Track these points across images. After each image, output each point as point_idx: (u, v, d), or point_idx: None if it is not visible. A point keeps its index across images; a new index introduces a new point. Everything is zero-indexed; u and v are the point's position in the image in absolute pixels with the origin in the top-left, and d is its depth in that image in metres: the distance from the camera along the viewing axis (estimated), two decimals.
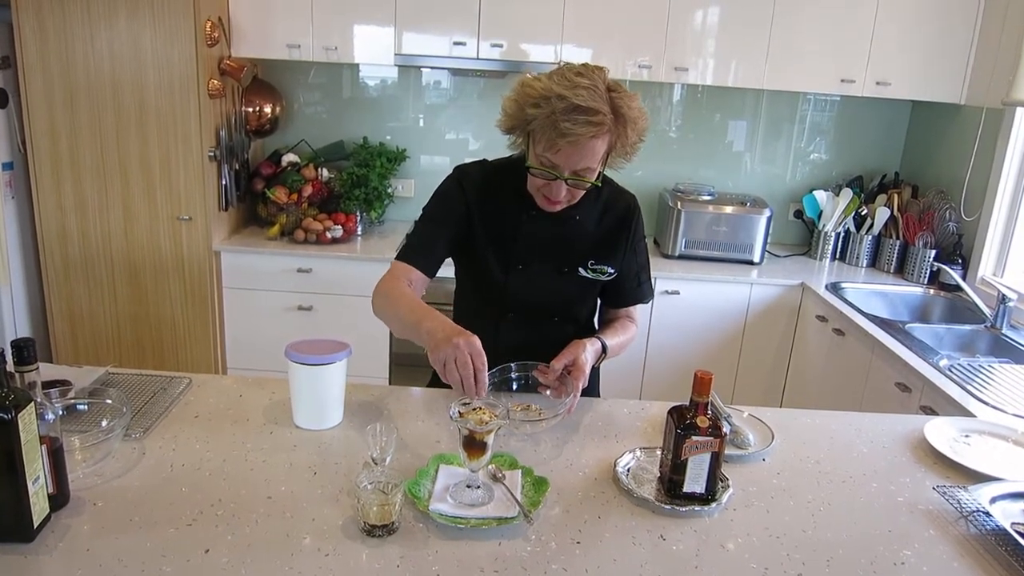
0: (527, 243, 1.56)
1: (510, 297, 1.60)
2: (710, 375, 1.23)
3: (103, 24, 2.80)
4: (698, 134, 3.62)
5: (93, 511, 1.14)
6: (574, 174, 1.41)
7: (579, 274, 1.59)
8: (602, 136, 1.37)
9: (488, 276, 1.59)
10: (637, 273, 1.67)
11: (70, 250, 3.06)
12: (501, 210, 1.57)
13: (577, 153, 1.37)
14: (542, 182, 1.44)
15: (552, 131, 1.35)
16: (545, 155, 1.39)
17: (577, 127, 1.33)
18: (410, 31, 3.10)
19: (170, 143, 2.94)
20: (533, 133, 1.41)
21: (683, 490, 1.25)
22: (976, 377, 2.16)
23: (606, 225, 1.60)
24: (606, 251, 1.60)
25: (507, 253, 1.57)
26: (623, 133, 1.40)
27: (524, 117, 1.40)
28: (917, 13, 3.06)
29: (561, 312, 1.64)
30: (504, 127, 1.48)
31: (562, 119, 1.33)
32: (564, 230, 1.57)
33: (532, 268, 1.58)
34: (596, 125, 1.33)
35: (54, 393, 1.32)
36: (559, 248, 1.58)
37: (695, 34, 3.11)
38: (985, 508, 1.24)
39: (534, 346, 1.63)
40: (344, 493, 1.22)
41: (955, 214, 3.14)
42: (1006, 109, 2.88)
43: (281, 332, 3.10)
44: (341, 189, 3.37)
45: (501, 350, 1.63)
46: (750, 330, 3.18)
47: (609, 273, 1.61)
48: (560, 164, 1.39)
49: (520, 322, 1.62)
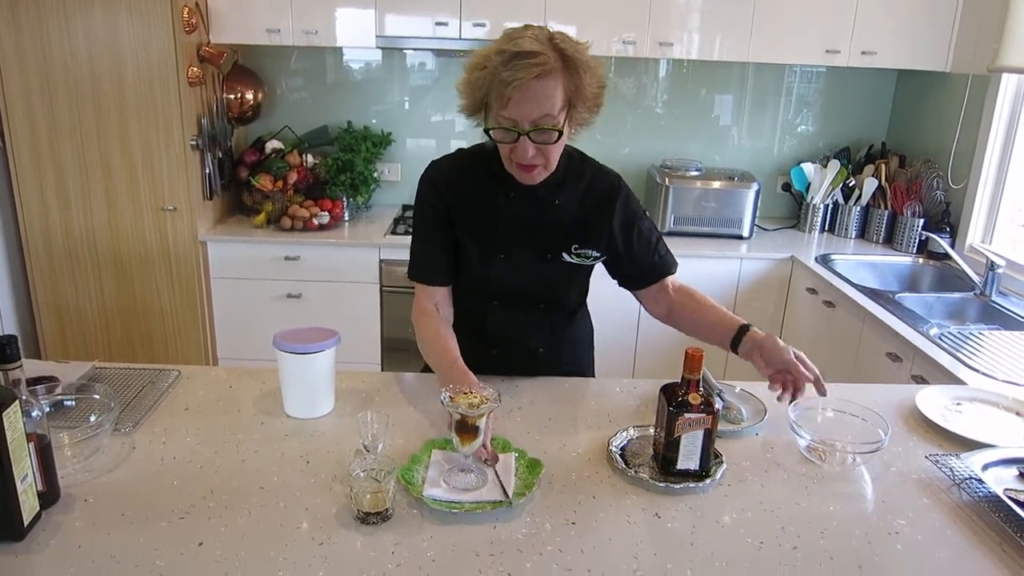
0: (507, 229, 1.53)
1: (494, 285, 1.58)
2: (701, 352, 1.23)
3: (78, 14, 2.75)
4: (684, 109, 3.60)
5: (84, 507, 1.13)
6: (534, 125, 1.34)
7: (563, 259, 1.56)
8: (551, 78, 1.31)
9: (470, 264, 1.56)
10: (655, 249, 1.62)
11: (54, 244, 3.03)
12: (478, 197, 1.53)
13: (528, 100, 1.31)
14: (509, 148, 1.39)
15: (499, 84, 1.31)
16: (501, 114, 1.34)
17: (520, 71, 1.28)
18: (392, 12, 3.05)
19: (151, 133, 2.90)
20: (487, 102, 1.37)
21: (677, 467, 1.26)
22: (966, 345, 2.17)
23: (588, 207, 1.55)
24: (589, 234, 1.56)
25: (488, 241, 1.54)
26: (577, 78, 1.34)
27: (474, 86, 1.36)
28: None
29: (547, 298, 1.61)
30: (465, 110, 1.44)
31: (503, 69, 1.29)
32: (544, 215, 1.53)
33: (514, 255, 1.54)
34: (539, 65, 1.29)
35: (40, 390, 1.31)
36: (540, 234, 1.54)
37: (679, 8, 3.08)
38: (977, 475, 1.25)
39: (522, 333, 1.63)
40: (337, 481, 1.22)
41: (942, 182, 3.14)
42: (992, 76, 2.88)
43: (271, 321, 3.09)
44: (327, 175, 3.34)
45: (490, 337, 1.63)
46: (741, 304, 3.18)
47: (594, 257, 1.57)
48: (516, 117, 1.33)
49: (506, 309, 1.60)
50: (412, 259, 1.60)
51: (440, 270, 1.57)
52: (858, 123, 3.62)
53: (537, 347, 1.65)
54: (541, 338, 1.65)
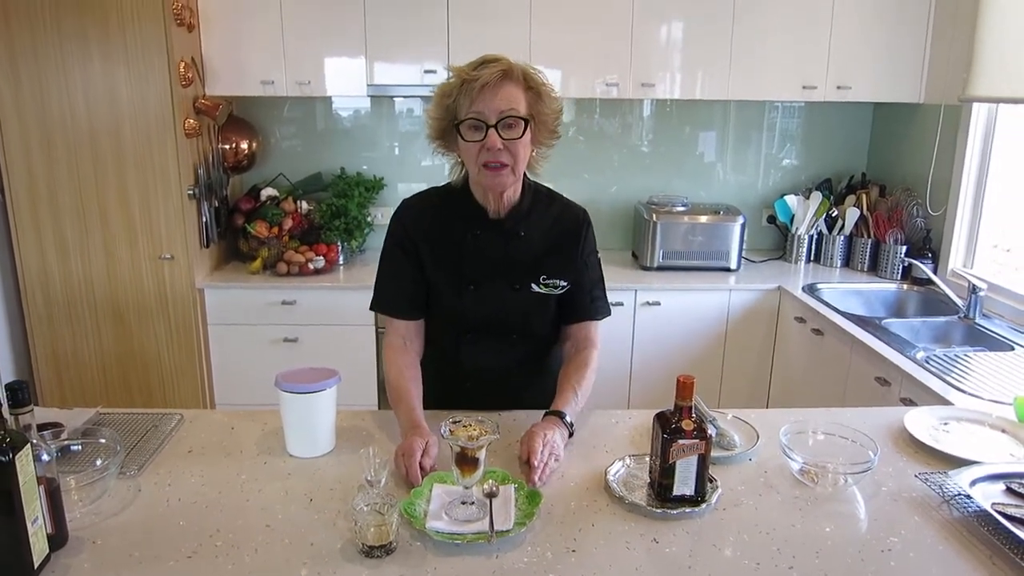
0: (475, 261, 1.59)
1: (466, 317, 1.62)
2: (692, 379, 1.27)
3: (77, 69, 2.82)
4: (669, 147, 3.69)
5: (92, 549, 1.15)
6: (500, 116, 1.44)
7: (532, 290, 1.61)
8: (514, 84, 1.46)
9: (442, 298, 1.62)
10: (591, 289, 1.67)
11: (52, 293, 3.06)
12: (447, 233, 1.60)
13: (495, 96, 1.43)
14: (477, 147, 1.46)
15: (467, 89, 1.44)
16: (469, 112, 1.45)
17: (485, 70, 1.43)
18: (381, 61, 3.15)
19: (149, 183, 2.95)
20: (458, 114, 1.47)
21: (673, 493, 1.28)
22: (953, 367, 2.22)
23: (555, 238, 1.62)
24: (557, 264, 1.62)
25: (457, 274, 1.60)
26: (538, 101, 1.49)
27: (444, 106, 1.49)
28: (871, 16, 3.15)
29: (519, 329, 1.65)
30: (433, 132, 1.55)
31: (471, 72, 1.44)
32: (510, 247, 1.59)
33: (483, 287, 1.60)
34: (504, 69, 1.44)
35: (48, 435, 1.33)
36: (508, 265, 1.60)
37: (660, 50, 3.19)
38: (966, 491, 1.28)
39: (496, 365, 1.66)
40: (341, 517, 1.24)
41: (922, 210, 3.22)
42: (963, 105, 2.97)
43: (268, 365, 3.07)
44: (321, 220, 3.39)
45: (464, 368, 1.67)
46: (732, 335, 3.23)
47: (562, 286, 1.62)
48: (483, 110, 1.44)
49: (479, 340, 1.64)
50: (376, 291, 1.66)
51: (404, 303, 1.63)
52: (838, 155, 3.72)
53: (511, 379, 1.69)
54: (515, 370, 1.69)
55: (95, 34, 2.79)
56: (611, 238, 3.66)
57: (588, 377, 1.61)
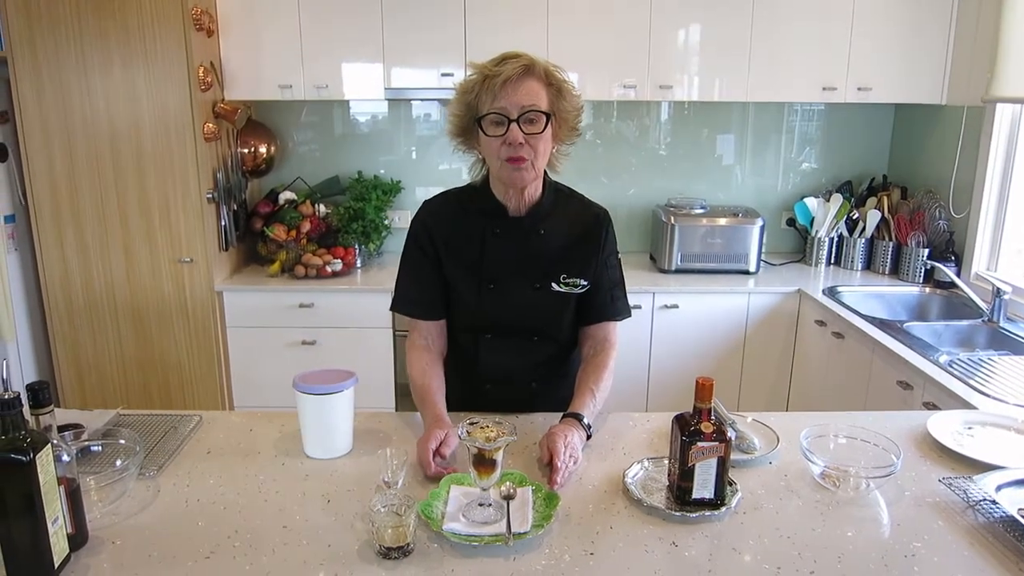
0: (495, 259, 1.59)
1: (485, 316, 1.62)
2: (711, 380, 1.26)
3: (98, 75, 2.86)
4: (687, 149, 3.67)
5: (112, 549, 1.15)
6: (522, 111, 1.44)
7: (552, 289, 1.60)
8: (536, 79, 1.46)
9: (462, 297, 1.62)
10: (610, 288, 1.66)
11: (74, 298, 3.09)
12: (466, 231, 1.60)
13: (517, 91, 1.44)
14: (499, 142, 1.46)
15: (489, 84, 1.44)
16: (492, 107, 1.45)
17: (507, 67, 1.44)
18: (398, 65, 3.16)
19: (168, 187, 2.98)
20: (480, 109, 1.47)
21: (692, 496, 1.27)
22: (977, 371, 2.18)
23: (575, 238, 1.61)
24: (577, 263, 1.61)
25: (477, 273, 1.59)
26: (559, 97, 1.49)
27: (466, 102, 1.49)
28: (892, 17, 3.12)
29: (540, 330, 1.64)
30: (454, 129, 1.55)
31: (492, 70, 1.45)
32: (531, 245, 1.59)
33: (503, 286, 1.59)
34: (525, 64, 1.45)
35: (68, 436, 1.34)
36: (528, 263, 1.59)
37: (678, 52, 3.18)
38: (992, 496, 1.26)
39: (515, 367, 1.66)
40: (358, 518, 1.24)
41: (945, 212, 3.18)
42: (986, 106, 2.93)
43: (286, 368, 3.12)
44: (339, 223, 3.41)
45: (484, 372, 1.66)
46: (751, 339, 3.20)
47: (583, 286, 1.61)
48: (505, 105, 1.44)
49: (499, 341, 1.64)
50: (396, 292, 1.67)
51: (424, 303, 1.64)
52: (859, 157, 3.68)
53: (531, 382, 1.68)
54: (535, 373, 1.68)
55: (116, 39, 2.83)
56: (629, 241, 3.65)
57: (606, 379, 1.60)
